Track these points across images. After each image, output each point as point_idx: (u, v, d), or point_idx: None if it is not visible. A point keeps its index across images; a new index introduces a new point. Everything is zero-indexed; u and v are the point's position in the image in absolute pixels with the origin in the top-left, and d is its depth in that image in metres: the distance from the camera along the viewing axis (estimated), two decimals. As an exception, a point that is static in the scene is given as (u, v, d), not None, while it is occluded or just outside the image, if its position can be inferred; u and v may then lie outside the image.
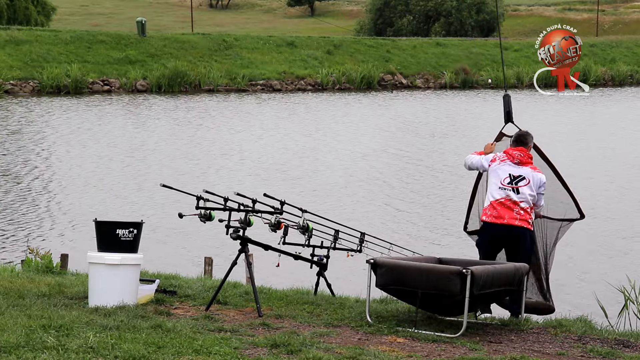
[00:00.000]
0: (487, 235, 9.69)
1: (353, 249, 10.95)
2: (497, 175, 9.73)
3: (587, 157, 30.17)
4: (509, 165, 9.73)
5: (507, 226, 9.47)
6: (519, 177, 9.64)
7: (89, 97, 45.68)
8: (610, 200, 22.86)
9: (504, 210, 9.54)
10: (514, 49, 62.51)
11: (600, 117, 42.60)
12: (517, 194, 9.55)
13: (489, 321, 9.22)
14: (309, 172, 26.36)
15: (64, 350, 7.16)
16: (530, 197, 9.56)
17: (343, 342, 8.03)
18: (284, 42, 57.80)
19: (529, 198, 9.56)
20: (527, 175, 9.64)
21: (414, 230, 19.57)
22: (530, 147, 9.96)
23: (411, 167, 27.51)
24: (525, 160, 9.72)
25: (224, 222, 9.27)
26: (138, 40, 53.14)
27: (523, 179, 9.62)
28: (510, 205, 9.53)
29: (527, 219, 9.54)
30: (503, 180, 9.66)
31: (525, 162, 9.72)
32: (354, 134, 34.62)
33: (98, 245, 9.21)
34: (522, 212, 9.52)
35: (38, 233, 18.67)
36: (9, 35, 49.91)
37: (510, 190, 9.59)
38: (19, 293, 9.52)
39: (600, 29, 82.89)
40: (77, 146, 30.15)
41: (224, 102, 45.42)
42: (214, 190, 9.71)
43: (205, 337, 7.88)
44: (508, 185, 9.62)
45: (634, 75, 62.09)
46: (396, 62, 57.76)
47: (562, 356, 7.93)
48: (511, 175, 9.65)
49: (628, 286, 11.66)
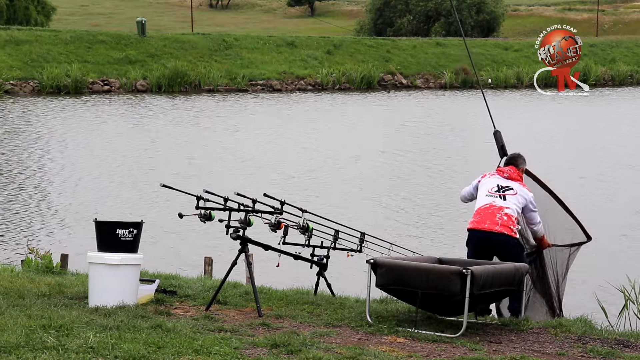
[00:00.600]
0: (471, 244, 9.72)
1: (353, 249, 10.94)
2: (485, 185, 9.84)
3: (587, 156, 30.15)
4: (498, 177, 9.84)
5: (487, 232, 9.46)
6: (507, 187, 9.72)
7: (89, 97, 45.68)
8: (610, 200, 22.85)
9: (487, 215, 9.56)
10: (514, 49, 62.52)
11: (600, 118, 42.59)
12: (503, 200, 9.59)
13: (489, 321, 9.22)
14: (309, 172, 26.36)
15: (64, 350, 7.16)
16: (515, 206, 9.57)
17: (343, 342, 8.03)
18: (284, 42, 57.79)
19: (514, 207, 9.56)
20: (515, 188, 9.71)
21: (414, 230, 19.57)
22: (522, 169, 10.02)
23: (411, 167, 27.50)
24: (515, 177, 9.81)
25: (224, 222, 9.27)
26: (138, 40, 53.14)
27: (511, 189, 9.69)
28: (493, 211, 9.55)
29: (509, 225, 9.48)
30: (490, 189, 9.75)
31: (515, 178, 9.81)
32: (354, 133, 34.62)
33: (98, 245, 9.21)
34: (505, 217, 9.49)
35: (38, 233, 18.67)
36: (9, 35, 49.91)
37: (496, 197, 9.66)
38: (19, 293, 9.52)
39: (600, 29, 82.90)
40: (77, 146, 30.14)
41: (224, 102, 45.42)
42: (214, 190, 9.70)
43: (205, 337, 7.88)
44: (495, 193, 9.70)
45: (634, 75, 62.08)
46: (396, 62, 57.75)
47: (562, 356, 7.92)
48: (499, 185, 9.75)
49: (628, 286, 11.65)
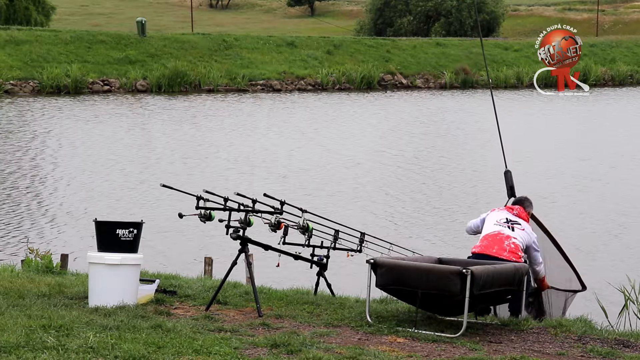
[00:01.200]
0: None
1: (353, 249, 10.95)
2: (493, 217, 9.88)
3: (587, 156, 30.15)
4: (507, 213, 9.90)
5: (495, 258, 9.40)
6: (516, 222, 9.77)
7: (89, 97, 45.68)
8: (610, 199, 22.86)
9: (495, 241, 9.55)
10: (514, 49, 62.51)
11: (600, 118, 42.59)
12: (511, 231, 9.62)
13: (489, 321, 9.22)
14: (309, 172, 26.36)
15: (64, 350, 7.16)
16: (522, 240, 9.59)
17: (343, 342, 8.03)
18: (284, 42, 57.78)
19: (521, 240, 9.58)
20: (523, 225, 9.77)
21: (414, 230, 19.57)
22: (529, 211, 10.06)
23: (411, 167, 27.50)
24: (523, 216, 9.88)
25: (224, 222, 9.27)
26: (138, 40, 53.13)
27: (519, 224, 9.75)
28: (502, 238, 9.56)
29: (517, 252, 9.47)
30: (499, 220, 9.79)
31: (523, 217, 9.87)
32: (353, 133, 34.62)
33: (98, 245, 9.21)
34: (513, 246, 9.49)
35: (38, 233, 18.67)
36: (9, 35, 49.91)
37: (505, 227, 9.69)
38: (19, 293, 9.52)
39: (600, 29, 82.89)
40: (76, 146, 30.14)
41: (224, 102, 45.42)
42: (213, 190, 9.71)
43: (205, 337, 7.88)
44: (504, 224, 9.73)
45: (634, 75, 62.06)
46: (396, 62, 57.74)
47: (562, 356, 7.93)
48: (508, 219, 9.80)
49: (628, 286, 11.66)
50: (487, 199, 21.51)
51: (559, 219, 19.79)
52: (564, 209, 21.59)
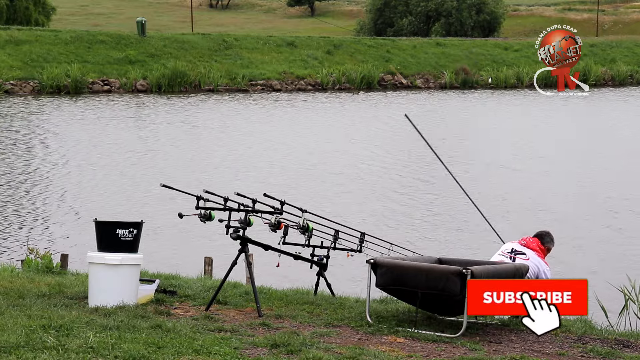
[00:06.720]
0: None
1: (353, 249, 10.94)
2: (503, 247, 9.95)
3: (587, 156, 30.15)
4: (516, 243, 9.94)
5: None
6: (520, 252, 9.80)
7: (89, 97, 45.68)
8: (610, 199, 22.85)
9: None
10: (514, 49, 62.49)
11: (600, 118, 42.58)
12: (512, 262, 9.62)
13: (489, 321, 9.22)
14: (309, 172, 26.36)
15: (64, 350, 7.16)
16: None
17: (343, 342, 8.03)
18: (284, 42, 57.78)
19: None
20: (529, 254, 9.77)
21: (414, 230, 19.56)
22: (548, 247, 10.02)
23: (411, 167, 27.49)
24: (532, 246, 9.87)
25: (224, 222, 9.27)
26: (138, 40, 53.13)
27: (524, 254, 9.76)
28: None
29: None
30: (504, 250, 9.85)
31: (532, 247, 9.86)
32: (353, 133, 34.61)
33: (98, 245, 9.22)
34: None
35: (38, 233, 18.66)
36: (9, 35, 49.91)
37: (506, 257, 9.76)
38: (19, 293, 9.52)
39: (600, 29, 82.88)
40: (77, 146, 30.14)
41: (223, 102, 45.42)
42: (214, 190, 9.71)
43: (205, 337, 7.88)
44: (507, 254, 9.79)
45: (634, 75, 62.04)
46: (396, 62, 57.73)
47: (562, 356, 7.93)
48: (513, 249, 9.83)
49: (628, 286, 11.65)
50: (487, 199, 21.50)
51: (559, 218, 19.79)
52: (564, 208, 21.59)
